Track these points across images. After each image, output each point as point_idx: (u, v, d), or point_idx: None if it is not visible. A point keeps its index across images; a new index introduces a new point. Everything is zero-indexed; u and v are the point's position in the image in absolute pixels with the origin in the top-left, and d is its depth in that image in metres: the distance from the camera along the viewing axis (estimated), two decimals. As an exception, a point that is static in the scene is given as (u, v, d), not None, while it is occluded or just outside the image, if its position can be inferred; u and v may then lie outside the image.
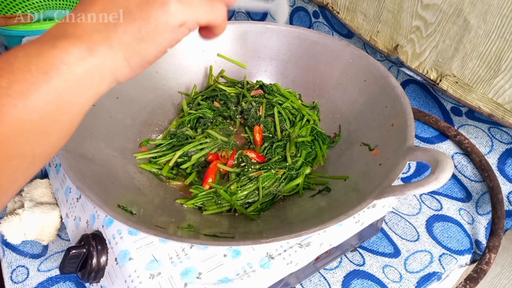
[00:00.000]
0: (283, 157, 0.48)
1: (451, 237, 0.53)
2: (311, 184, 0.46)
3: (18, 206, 0.50)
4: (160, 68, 0.56)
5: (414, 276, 0.49)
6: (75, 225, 0.45)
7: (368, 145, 0.45)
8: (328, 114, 0.55)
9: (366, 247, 0.52)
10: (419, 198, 0.59)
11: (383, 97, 0.47)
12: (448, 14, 0.51)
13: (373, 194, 0.35)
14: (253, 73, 0.60)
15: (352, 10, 0.66)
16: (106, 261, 0.39)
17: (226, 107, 0.56)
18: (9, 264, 0.48)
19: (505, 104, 0.49)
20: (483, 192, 0.57)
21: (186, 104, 0.55)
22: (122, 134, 0.49)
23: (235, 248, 0.38)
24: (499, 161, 0.56)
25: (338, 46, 0.54)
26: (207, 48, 0.58)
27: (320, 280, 0.48)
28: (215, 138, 0.50)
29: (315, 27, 0.77)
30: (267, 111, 0.54)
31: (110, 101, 0.49)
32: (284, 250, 0.38)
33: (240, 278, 0.36)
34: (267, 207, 0.44)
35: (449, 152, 0.60)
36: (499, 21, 0.46)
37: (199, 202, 0.44)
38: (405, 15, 0.57)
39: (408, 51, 0.59)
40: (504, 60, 0.47)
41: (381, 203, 0.43)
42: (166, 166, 0.47)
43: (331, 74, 0.55)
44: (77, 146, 0.41)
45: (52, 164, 0.53)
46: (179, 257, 0.37)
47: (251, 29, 0.58)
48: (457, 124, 0.59)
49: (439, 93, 0.60)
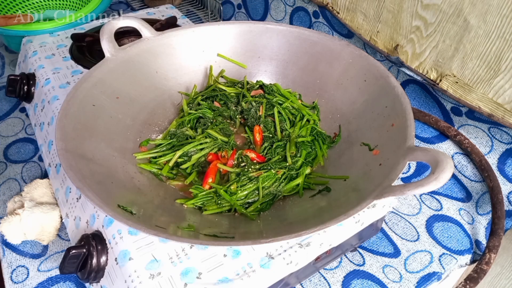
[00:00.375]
0: (283, 157, 0.48)
1: (451, 237, 0.53)
2: (311, 184, 0.46)
3: (18, 206, 0.50)
4: (160, 68, 0.56)
5: (414, 276, 0.49)
6: (75, 225, 0.45)
7: (368, 145, 0.45)
8: (328, 114, 0.55)
9: (366, 247, 0.52)
10: (419, 198, 0.59)
11: (383, 97, 0.47)
12: (448, 14, 0.51)
13: (373, 194, 0.35)
14: (253, 73, 0.60)
15: (352, 10, 0.66)
16: (106, 261, 0.39)
17: (226, 107, 0.56)
18: (9, 264, 0.48)
19: (505, 104, 0.49)
20: (483, 192, 0.57)
21: (186, 104, 0.55)
22: (122, 134, 0.49)
23: (235, 248, 0.38)
24: (499, 161, 0.56)
25: (338, 46, 0.54)
26: (207, 48, 0.58)
27: (320, 280, 0.48)
28: (215, 138, 0.50)
29: (315, 27, 0.77)
30: (267, 111, 0.54)
31: (110, 101, 0.49)
32: (284, 250, 0.38)
33: (240, 278, 0.36)
34: (267, 207, 0.44)
35: (449, 152, 0.60)
36: (499, 21, 0.46)
37: (199, 202, 0.44)
38: (405, 15, 0.57)
39: (408, 51, 0.59)
40: (504, 60, 0.47)
41: (381, 203, 0.43)
42: (166, 166, 0.47)
43: (331, 74, 0.55)
44: (77, 146, 0.41)
45: (52, 164, 0.53)
46: (179, 257, 0.37)
47: (251, 29, 0.58)
48: (457, 124, 0.59)
49: (439, 93, 0.60)
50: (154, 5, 1.01)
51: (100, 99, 0.48)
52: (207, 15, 1.02)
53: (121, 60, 0.51)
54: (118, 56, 0.51)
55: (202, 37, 0.58)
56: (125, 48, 0.52)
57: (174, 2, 1.04)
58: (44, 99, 0.59)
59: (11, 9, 0.82)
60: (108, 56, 0.51)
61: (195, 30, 0.57)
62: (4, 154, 0.64)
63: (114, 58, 0.51)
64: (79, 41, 0.70)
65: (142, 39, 0.54)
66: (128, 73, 0.52)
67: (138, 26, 0.54)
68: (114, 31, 0.52)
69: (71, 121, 0.42)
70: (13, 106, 0.74)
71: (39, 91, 0.62)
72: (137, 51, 0.53)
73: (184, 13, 1.01)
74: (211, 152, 0.49)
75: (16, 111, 0.73)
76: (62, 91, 0.58)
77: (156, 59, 0.55)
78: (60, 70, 0.63)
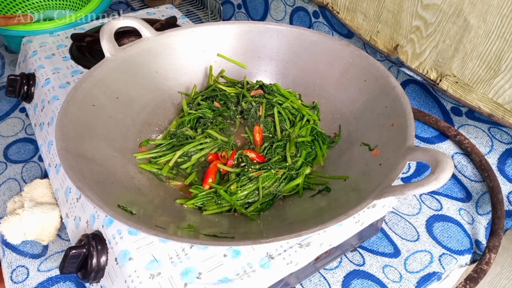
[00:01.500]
0: (283, 157, 0.48)
1: (451, 237, 0.53)
2: (311, 184, 0.46)
3: (18, 206, 0.50)
4: (160, 68, 0.56)
5: (414, 276, 0.49)
6: (75, 225, 0.45)
7: (368, 145, 0.45)
8: (328, 114, 0.55)
9: (366, 247, 0.52)
10: (419, 198, 0.59)
11: (383, 97, 0.47)
12: (448, 14, 0.51)
13: (373, 194, 0.35)
14: (253, 73, 0.60)
15: (352, 10, 0.66)
16: (106, 261, 0.39)
17: (226, 107, 0.56)
18: (9, 264, 0.48)
19: (505, 104, 0.49)
20: (483, 192, 0.57)
21: (186, 104, 0.55)
22: (122, 134, 0.49)
23: (235, 248, 0.38)
24: (499, 161, 0.56)
25: (338, 46, 0.54)
26: (207, 48, 0.58)
27: (320, 280, 0.48)
28: (215, 138, 0.50)
29: (315, 27, 0.77)
30: (267, 111, 0.54)
31: (110, 101, 0.49)
32: (284, 250, 0.38)
33: (240, 278, 0.36)
34: (267, 207, 0.44)
35: (449, 152, 0.60)
36: (499, 21, 0.46)
37: (199, 202, 0.44)
38: (405, 15, 0.57)
39: (408, 51, 0.59)
40: (504, 60, 0.47)
41: (381, 203, 0.43)
42: (166, 166, 0.47)
43: (331, 74, 0.55)
44: (77, 146, 0.41)
45: (52, 164, 0.53)
46: (179, 257, 0.37)
47: (251, 29, 0.58)
48: (457, 124, 0.59)
49: (439, 93, 0.60)
50: (154, 5, 1.01)
51: (100, 99, 0.48)
52: (207, 15, 1.02)
53: (121, 60, 0.51)
54: (118, 56, 0.51)
55: (202, 37, 0.58)
56: (125, 48, 0.52)
57: (174, 2, 1.04)
58: (44, 99, 0.59)
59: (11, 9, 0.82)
60: (108, 56, 0.51)
61: (195, 30, 0.57)
62: (4, 154, 0.64)
63: (114, 58, 0.51)
64: (79, 41, 0.70)
65: (142, 39, 0.54)
66: (128, 73, 0.52)
67: (138, 26, 0.54)
68: (114, 31, 0.52)
69: (71, 121, 0.42)
70: (13, 106, 0.74)
71: (39, 91, 0.62)
72: (137, 51, 0.53)
73: (184, 13, 1.01)
74: (211, 152, 0.49)
75: (16, 111, 0.73)
76: (62, 91, 0.58)
77: (156, 59, 0.55)
78: (60, 70, 0.63)
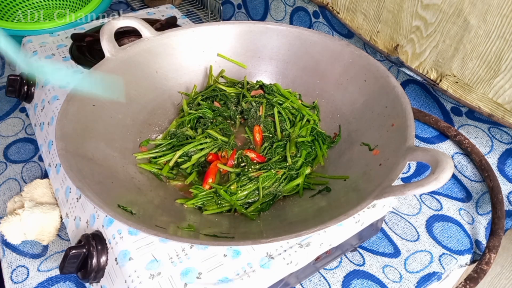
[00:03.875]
0: (283, 157, 0.48)
1: (451, 237, 0.53)
2: (311, 184, 0.46)
3: (18, 206, 0.50)
4: (160, 68, 0.56)
5: (414, 276, 0.49)
6: (75, 225, 0.45)
7: (368, 145, 0.45)
8: (328, 114, 0.55)
9: (366, 247, 0.52)
10: (419, 198, 0.59)
11: (383, 97, 0.47)
12: (448, 14, 0.51)
13: (373, 194, 0.35)
14: (253, 73, 0.60)
15: (352, 10, 0.66)
16: (106, 261, 0.39)
17: (226, 107, 0.56)
18: (9, 264, 0.48)
19: (505, 104, 0.49)
20: (483, 192, 0.57)
21: (186, 104, 0.55)
22: (122, 134, 0.49)
23: (235, 248, 0.38)
24: (499, 161, 0.56)
25: (338, 46, 0.54)
26: (207, 48, 0.58)
27: (320, 280, 0.48)
28: (215, 138, 0.50)
29: (315, 27, 0.77)
30: (267, 111, 0.54)
31: (110, 101, 0.49)
32: (284, 250, 0.38)
33: (240, 278, 0.36)
34: (267, 207, 0.44)
35: (449, 152, 0.60)
36: (499, 21, 0.46)
37: (199, 202, 0.44)
38: (405, 15, 0.57)
39: (408, 51, 0.59)
40: (504, 60, 0.47)
41: (381, 203, 0.43)
42: (166, 166, 0.47)
43: (331, 74, 0.55)
44: (77, 146, 0.41)
45: (52, 164, 0.53)
46: (179, 257, 0.37)
47: (251, 29, 0.58)
48: (457, 124, 0.59)
49: (439, 93, 0.60)
50: (154, 5, 1.01)
51: (100, 99, 0.48)
52: (207, 15, 1.02)
53: (121, 60, 0.51)
54: (118, 56, 0.51)
55: (202, 37, 0.58)
56: (125, 48, 0.52)
57: (174, 2, 1.04)
58: (44, 99, 0.59)
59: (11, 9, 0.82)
60: (108, 56, 0.51)
61: (195, 30, 0.57)
62: (4, 154, 0.64)
63: (114, 58, 0.51)
64: (79, 41, 0.70)
65: (142, 39, 0.54)
66: (128, 73, 0.52)
67: (138, 26, 0.54)
68: (114, 31, 0.52)
69: (71, 121, 0.42)
70: (13, 106, 0.74)
71: (39, 91, 0.62)
72: (137, 51, 0.53)
73: (184, 13, 1.01)
74: (211, 152, 0.49)
75: (16, 111, 0.73)
76: (62, 91, 0.58)
77: (156, 59, 0.55)
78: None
